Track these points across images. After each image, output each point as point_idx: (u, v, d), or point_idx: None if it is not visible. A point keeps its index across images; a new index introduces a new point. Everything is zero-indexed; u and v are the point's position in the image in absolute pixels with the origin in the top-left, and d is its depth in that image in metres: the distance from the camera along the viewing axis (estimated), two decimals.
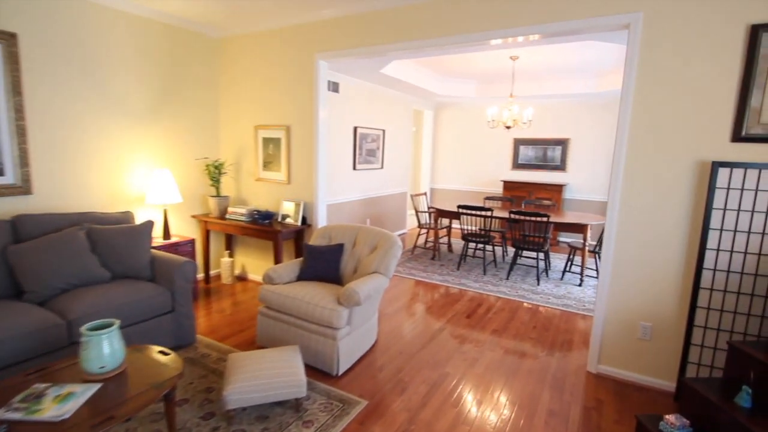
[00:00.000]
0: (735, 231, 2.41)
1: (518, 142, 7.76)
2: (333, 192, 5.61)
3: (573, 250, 5.15)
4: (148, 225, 3.23)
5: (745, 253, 2.40)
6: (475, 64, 5.77)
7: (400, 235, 7.55)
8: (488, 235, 5.27)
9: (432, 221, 6.17)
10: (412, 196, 6.11)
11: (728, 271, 2.45)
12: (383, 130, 6.59)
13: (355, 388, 2.64)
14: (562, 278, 5.15)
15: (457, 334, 3.46)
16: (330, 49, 3.69)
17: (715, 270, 2.47)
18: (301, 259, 3.35)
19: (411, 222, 8.39)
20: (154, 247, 3.64)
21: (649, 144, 2.58)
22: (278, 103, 4.12)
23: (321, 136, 3.91)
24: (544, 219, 4.70)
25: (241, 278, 4.73)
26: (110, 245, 3.07)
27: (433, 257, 5.88)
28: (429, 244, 6.58)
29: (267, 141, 4.27)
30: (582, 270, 4.91)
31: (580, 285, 4.89)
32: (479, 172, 8.23)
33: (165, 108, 4.01)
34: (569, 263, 5.23)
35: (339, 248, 3.26)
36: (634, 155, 2.63)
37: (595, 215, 5.44)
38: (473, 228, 6.18)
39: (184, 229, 4.35)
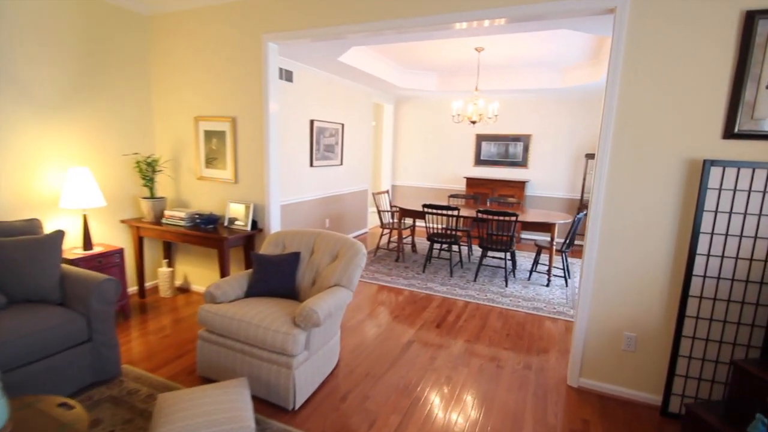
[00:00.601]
0: (726, 235, 2.25)
1: (480, 138, 7.60)
2: (288, 191, 5.14)
3: (539, 249, 5.01)
4: (57, 236, 2.65)
5: (737, 258, 2.25)
6: (439, 55, 5.48)
7: (361, 234, 7.18)
8: (455, 236, 5.03)
9: (395, 221, 5.86)
10: (373, 194, 5.75)
11: (718, 278, 2.29)
12: (342, 124, 6.17)
13: (316, 424, 2.26)
14: (529, 278, 5.00)
15: (428, 348, 3.16)
16: (280, 30, 3.23)
17: (705, 277, 2.31)
18: (250, 271, 2.90)
19: (373, 220, 8.05)
20: (70, 261, 3.05)
21: (635, 141, 2.37)
22: (222, 91, 3.61)
23: (272, 129, 3.46)
24: (513, 218, 4.51)
25: (183, 290, 4.18)
26: (7, 262, 2.48)
27: (397, 259, 5.57)
28: (392, 245, 6.26)
29: (210, 134, 3.74)
30: (549, 270, 4.78)
31: (547, 285, 4.75)
32: (441, 168, 8.01)
33: (84, 96, 3.39)
34: (536, 263, 5.08)
35: (294, 258, 2.85)
36: (619, 153, 2.41)
37: (560, 213, 5.34)
38: (438, 225, 5.95)
39: (111, 237, 3.74)
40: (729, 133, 2.17)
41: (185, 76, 3.77)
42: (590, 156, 6.56)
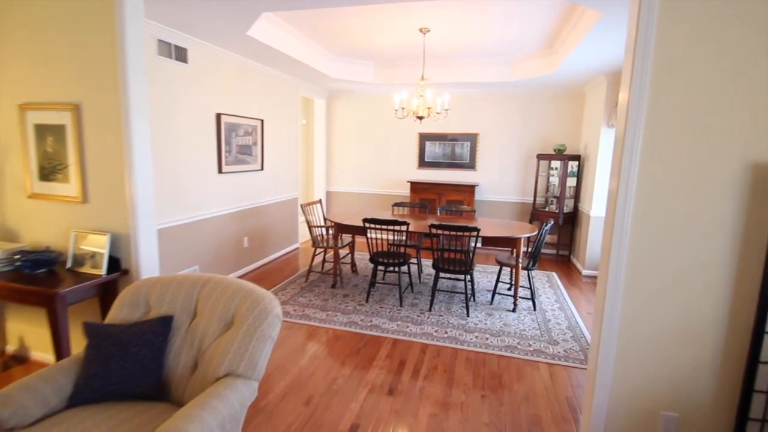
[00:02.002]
0: None
1: (424, 138, 6.83)
2: (187, 206, 3.93)
3: (501, 266, 4.28)
4: None
5: None
6: (377, 39, 4.56)
7: (292, 251, 6.07)
8: (404, 254, 4.14)
9: (331, 234, 4.85)
10: (302, 206, 4.69)
11: None
12: (261, 120, 5.04)
13: None
14: (491, 302, 4.25)
15: None
16: None
17: None
18: (82, 353, 1.75)
19: (306, 233, 6.95)
20: None
21: (676, 141, 1.61)
22: (58, 66, 2.39)
23: (137, 121, 2.31)
24: (474, 233, 3.70)
25: (19, 359, 2.85)
26: None
27: (334, 284, 4.56)
28: (328, 264, 5.25)
29: (43, 130, 2.49)
30: (515, 293, 4.05)
31: (513, 311, 4.02)
32: (382, 172, 7.12)
33: None
34: (497, 283, 4.33)
35: (162, 327, 1.76)
36: (652, 159, 1.64)
37: (521, 223, 4.67)
38: (383, 236, 5.07)
39: None
40: None
41: (3, 44, 2.48)
42: (542, 156, 6.04)
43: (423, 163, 6.89)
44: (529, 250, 4.17)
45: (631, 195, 1.65)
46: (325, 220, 4.83)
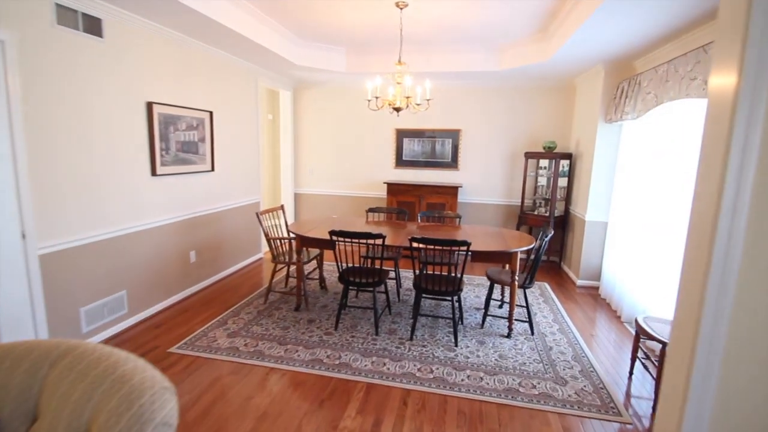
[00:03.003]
0: None
1: (401, 134, 6.18)
2: (109, 218, 3.14)
3: (492, 282, 3.67)
4: None
5: None
6: (348, 19, 3.86)
7: (255, 263, 5.30)
8: (380, 272, 3.47)
9: (292, 249, 4.14)
10: (258, 214, 3.95)
11: None
12: (210, 113, 4.26)
13: None
14: (482, 325, 3.64)
15: None
16: None
17: None
18: None
19: None
20: None
21: None
22: None
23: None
24: (463, 248, 3.07)
25: None
26: None
27: (297, 307, 3.85)
28: (293, 281, 4.52)
29: None
30: (510, 317, 3.44)
31: (508, 336, 3.42)
32: (356, 171, 6.44)
33: None
34: (488, 303, 3.72)
35: None
36: None
37: (512, 232, 4.08)
38: (356, 243, 4.37)
39: None
40: None
41: None
42: (530, 155, 5.48)
43: (400, 162, 6.25)
44: (526, 257, 3.58)
45: (743, 206, 1.02)
46: (288, 230, 4.11)
